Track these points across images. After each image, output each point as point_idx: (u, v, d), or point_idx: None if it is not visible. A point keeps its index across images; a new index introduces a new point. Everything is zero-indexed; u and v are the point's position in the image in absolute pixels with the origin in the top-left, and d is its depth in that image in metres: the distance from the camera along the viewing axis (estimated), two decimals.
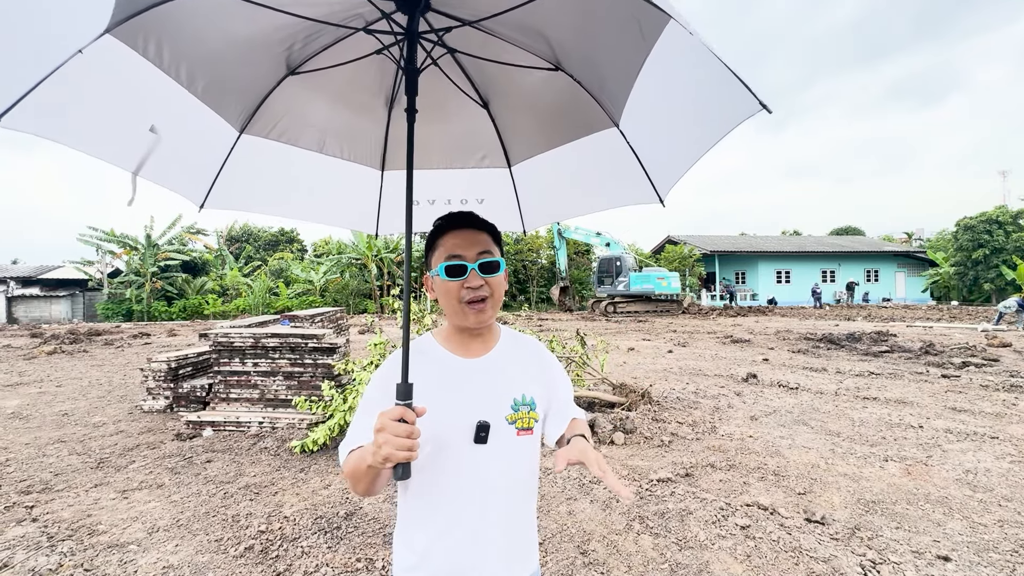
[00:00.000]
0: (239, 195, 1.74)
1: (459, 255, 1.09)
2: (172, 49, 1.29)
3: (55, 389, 8.03)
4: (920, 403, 6.32)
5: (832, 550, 2.93)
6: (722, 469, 4.18)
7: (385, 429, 0.90)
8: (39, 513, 3.55)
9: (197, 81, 1.39)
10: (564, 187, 1.81)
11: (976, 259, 29.17)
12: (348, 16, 1.39)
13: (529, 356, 1.22)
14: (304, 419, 5.48)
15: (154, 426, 5.77)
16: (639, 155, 1.48)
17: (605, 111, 1.47)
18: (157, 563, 2.90)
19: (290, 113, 1.65)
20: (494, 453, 1.07)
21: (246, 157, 1.65)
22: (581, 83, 1.46)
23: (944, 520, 3.28)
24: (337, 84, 1.61)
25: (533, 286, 32.76)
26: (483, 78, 1.64)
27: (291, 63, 1.52)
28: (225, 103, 1.51)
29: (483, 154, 1.82)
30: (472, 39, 1.44)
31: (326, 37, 1.48)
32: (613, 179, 1.63)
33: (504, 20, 1.33)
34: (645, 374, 8.51)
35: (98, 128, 1.34)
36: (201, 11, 1.26)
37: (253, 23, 1.35)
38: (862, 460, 4.36)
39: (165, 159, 1.47)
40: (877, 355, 10.30)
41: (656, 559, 2.88)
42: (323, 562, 2.90)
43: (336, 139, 1.75)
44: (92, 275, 28.86)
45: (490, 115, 1.73)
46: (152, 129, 1.38)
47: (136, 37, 1.21)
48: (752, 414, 5.89)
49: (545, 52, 1.44)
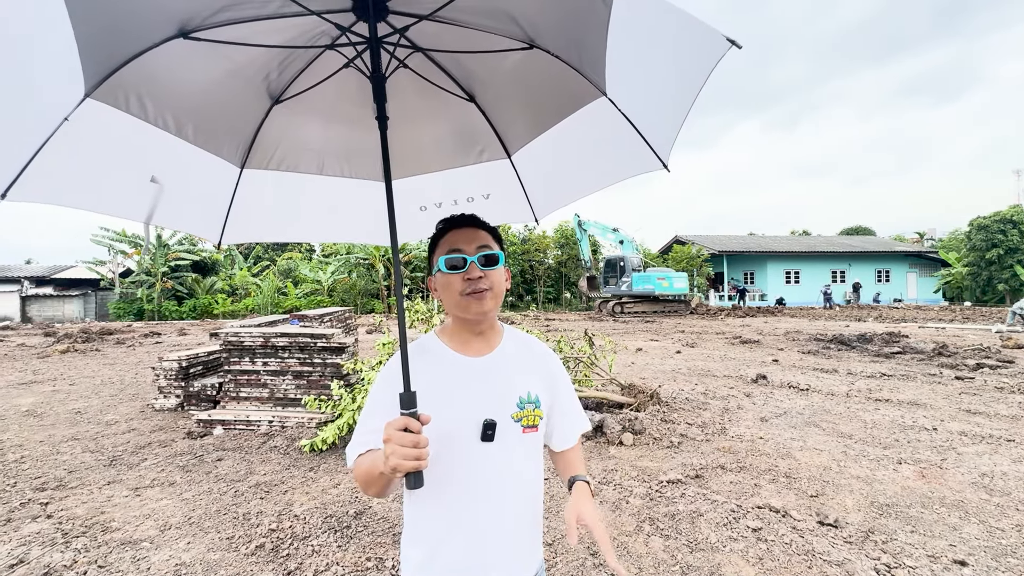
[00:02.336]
0: (252, 226, 1.78)
1: (458, 248, 1.11)
2: (154, 101, 1.33)
3: (68, 387, 8.13)
4: (934, 405, 6.24)
5: (846, 553, 2.90)
6: (732, 471, 4.15)
7: (392, 440, 0.90)
8: (54, 510, 3.59)
9: (186, 127, 1.43)
10: (567, 168, 1.79)
11: (990, 259, 28.75)
12: (313, 36, 1.40)
13: (534, 356, 1.22)
14: (313, 418, 5.51)
15: (165, 424, 5.82)
16: (632, 120, 1.46)
17: (589, 81, 1.45)
18: (169, 560, 2.92)
19: (284, 141, 1.66)
20: (500, 451, 1.08)
21: (252, 190, 1.67)
22: (559, 56, 1.44)
23: (960, 524, 3.23)
24: (322, 104, 1.62)
25: (540, 286, 32.72)
26: (462, 72, 1.62)
27: (273, 93, 1.54)
28: (219, 143, 1.54)
29: (481, 148, 1.80)
30: (440, 34, 1.43)
31: (299, 61, 1.49)
32: (614, 150, 1.61)
33: (463, 6, 1.32)
34: (653, 375, 8.47)
35: (100, 187, 1.38)
36: (171, 60, 1.28)
37: (225, 62, 1.37)
38: (875, 462, 4.31)
39: (174, 205, 1.52)
40: (889, 356, 10.18)
41: (667, 561, 2.86)
42: (333, 561, 2.90)
43: (334, 158, 1.76)
44: (104, 275, 29.23)
45: (479, 107, 1.70)
46: (153, 179, 1.42)
47: (116, 96, 1.25)
48: (762, 415, 5.84)
49: (515, 32, 1.41)
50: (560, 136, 1.65)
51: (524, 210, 1.88)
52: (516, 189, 1.85)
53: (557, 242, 32.88)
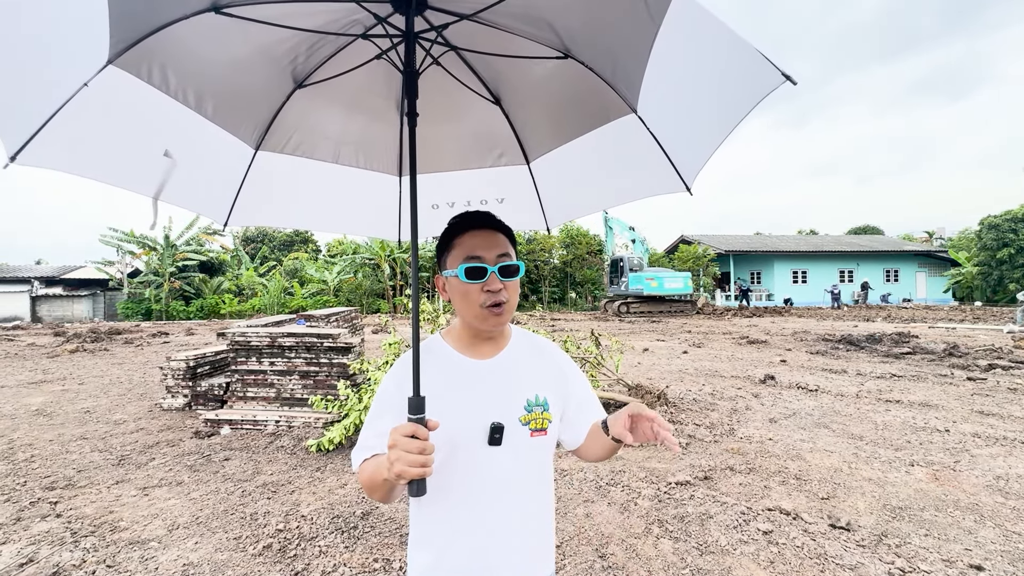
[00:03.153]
0: (261, 210, 1.76)
1: (479, 256, 1.05)
2: (176, 74, 1.30)
3: (78, 387, 8.19)
4: (945, 406, 6.16)
5: (859, 557, 2.85)
6: (742, 472, 4.10)
7: (397, 446, 0.88)
8: (63, 509, 3.61)
9: (206, 103, 1.40)
10: (586, 181, 1.76)
11: (1001, 258, 28.41)
12: (346, 24, 1.37)
13: (542, 356, 1.19)
14: (320, 418, 5.51)
15: (173, 424, 5.85)
16: (660, 141, 1.42)
17: (621, 96, 1.42)
18: (177, 560, 2.92)
19: (302, 126, 1.64)
20: (508, 454, 1.06)
21: (264, 173, 1.65)
22: (593, 69, 1.41)
23: (975, 528, 3.18)
24: (346, 93, 1.59)
25: (545, 286, 32.67)
26: (492, 74, 1.59)
27: (297, 76, 1.52)
28: (237, 122, 1.51)
29: (500, 152, 1.78)
30: (475, 34, 1.40)
31: (328, 47, 1.46)
32: (636, 168, 1.58)
33: (504, 10, 1.29)
34: (660, 375, 8.42)
35: (112, 157, 1.35)
36: (199, 34, 1.25)
37: (253, 41, 1.34)
38: (887, 465, 4.25)
39: (184, 182, 1.48)
40: (899, 357, 10.07)
41: (677, 564, 2.83)
42: (340, 562, 2.89)
43: (351, 148, 1.74)
44: (113, 275, 29.51)
45: (503, 111, 1.68)
46: (167, 154, 1.39)
47: (139, 65, 1.22)
48: (771, 416, 5.79)
49: (552, 40, 1.39)
50: (583, 148, 1.62)
51: (537, 218, 1.86)
52: (531, 196, 1.83)
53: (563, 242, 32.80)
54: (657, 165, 1.46)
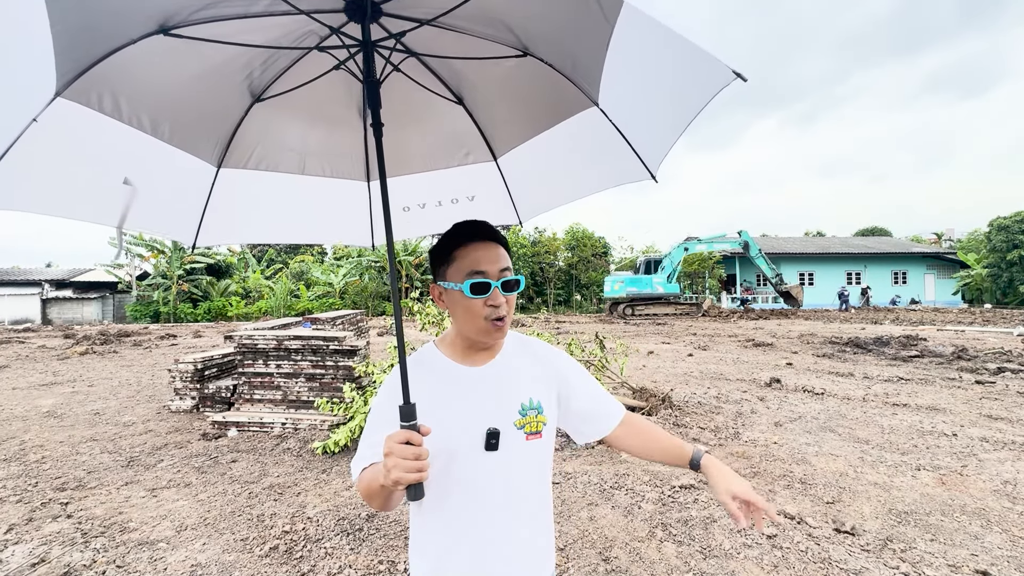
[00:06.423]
0: (229, 228, 1.74)
1: (483, 271, 1.06)
2: (129, 100, 1.28)
3: (87, 389, 8.29)
4: (953, 410, 6.11)
5: (863, 562, 2.85)
6: (746, 476, 4.09)
7: (392, 453, 0.90)
8: (73, 510, 3.66)
9: (162, 126, 1.38)
10: (554, 173, 1.78)
11: (1011, 260, 28.09)
12: (300, 36, 1.36)
13: (535, 359, 1.20)
14: (326, 420, 5.55)
15: (181, 426, 5.91)
16: (623, 131, 1.45)
17: (582, 90, 1.43)
18: (186, 561, 2.96)
19: (264, 140, 1.63)
20: (505, 459, 1.07)
21: (229, 190, 1.63)
22: (553, 65, 1.41)
23: (982, 533, 3.16)
24: (306, 103, 1.58)
25: (550, 288, 32.67)
26: (453, 74, 1.59)
27: (254, 91, 1.50)
28: (196, 142, 1.49)
29: (467, 151, 1.79)
30: (434, 38, 1.40)
31: (284, 60, 1.45)
32: (602, 158, 1.60)
33: (461, 14, 1.29)
34: (665, 378, 8.41)
35: (70, 191, 1.34)
36: (149, 57, 1.23)
37: (206, 59, 1.33)
38: (893, 469, 4.23)
39: (148, 207, 1.47)
40: (906, 360, 9.99)
41: (680, 567, 2.83)
42: (346, 563, 2.92)
43: (316, 158, 1.73)
44: (121, 278, 29.80)
45: (467, 110, 1.68)
46: (126, 181, 1.37)
47: (88, 94, 1.20)
48: (776, 420, 5.77)
49: (510, 40, 1.39)
50: (549, 142, 1.64)
51: (509, 212, 1.87)
52: (501, 192, 1.84)
53: (567, 244, 32.81)
54: (622, 155, 1.48)
